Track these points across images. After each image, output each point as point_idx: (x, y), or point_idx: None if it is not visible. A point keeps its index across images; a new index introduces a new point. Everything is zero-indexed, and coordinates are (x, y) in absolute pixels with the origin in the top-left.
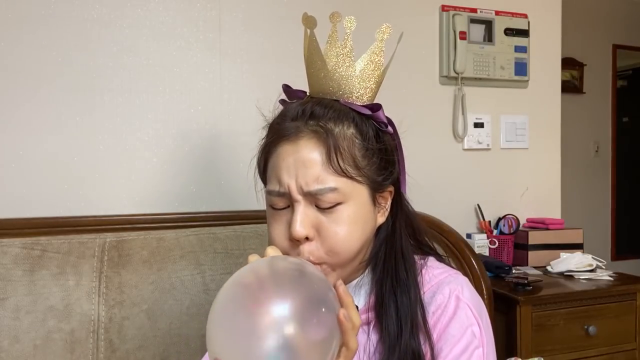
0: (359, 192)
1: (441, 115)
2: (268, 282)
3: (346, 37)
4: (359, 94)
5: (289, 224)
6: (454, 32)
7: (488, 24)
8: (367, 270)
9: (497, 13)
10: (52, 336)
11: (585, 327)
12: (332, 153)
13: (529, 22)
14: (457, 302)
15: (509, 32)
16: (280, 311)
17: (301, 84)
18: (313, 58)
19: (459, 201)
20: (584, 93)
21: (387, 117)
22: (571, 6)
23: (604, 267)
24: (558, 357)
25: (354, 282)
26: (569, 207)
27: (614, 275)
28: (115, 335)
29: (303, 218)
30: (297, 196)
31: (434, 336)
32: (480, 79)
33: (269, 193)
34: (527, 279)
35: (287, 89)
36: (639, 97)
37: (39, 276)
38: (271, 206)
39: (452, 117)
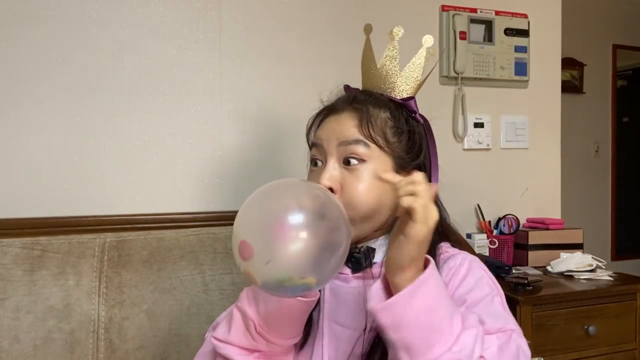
0: (384, 160)
1: (441, 115)
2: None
3: (395, 44)
4: (399, 90)
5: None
6: (454, 32)
7: (488, 24)
8: (385, 235)
9: (497, 13)
10: (52, 336)
11: (585, 327)
12: (365, 122)
13: (529, 22)
14: (469, 264)
15: (509, 32)
16: (298, 218)
17: (301, 82)
18: (367, 57)
19: (459, 201)
20: (584, 93)
21: (421, 115)
22: (571, 6)
23: (604, 267)
24: (558, 357)
25: (371, 241)
26: (569, 207)
27: (614, 275)
28: (115, 335)
29: (331, 172)
30: (331, 149)
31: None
32: (480, 79)
33: (312, 145)
34: (527, 279)
35: (347, 87)
36: (639, 97)
37: (39, 276)
38: (311, 161)
39: (452, 117)
